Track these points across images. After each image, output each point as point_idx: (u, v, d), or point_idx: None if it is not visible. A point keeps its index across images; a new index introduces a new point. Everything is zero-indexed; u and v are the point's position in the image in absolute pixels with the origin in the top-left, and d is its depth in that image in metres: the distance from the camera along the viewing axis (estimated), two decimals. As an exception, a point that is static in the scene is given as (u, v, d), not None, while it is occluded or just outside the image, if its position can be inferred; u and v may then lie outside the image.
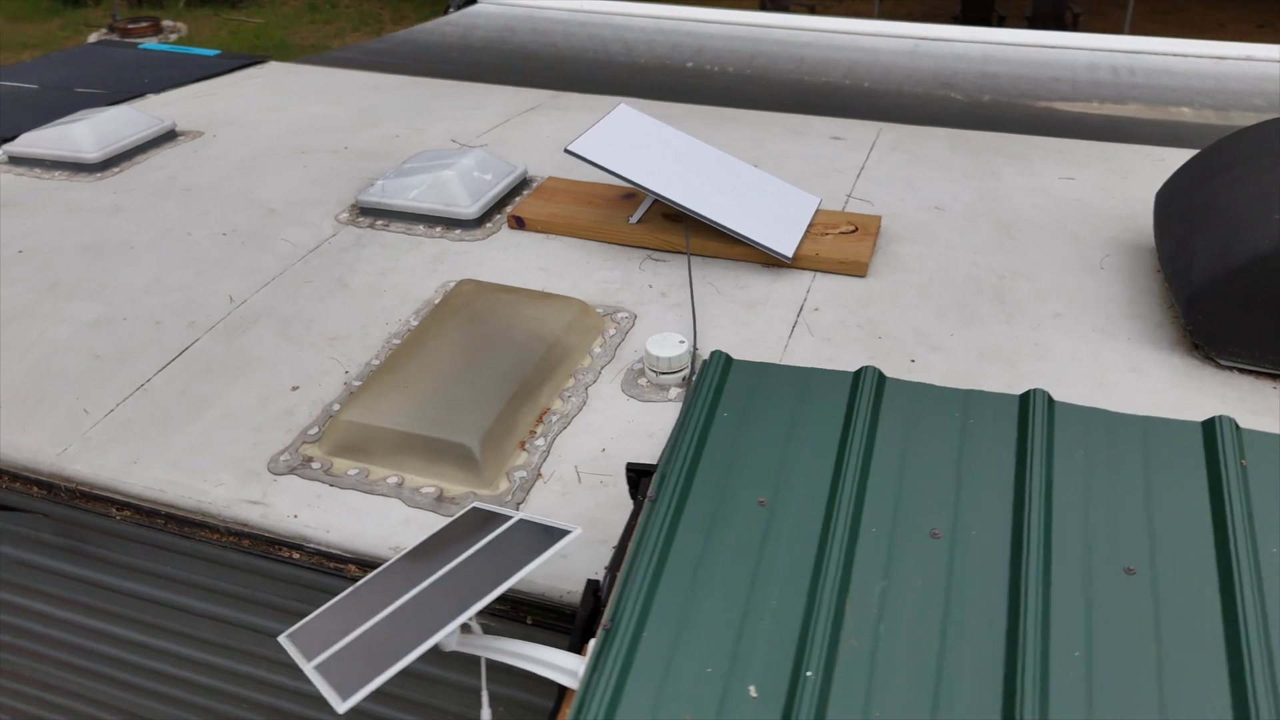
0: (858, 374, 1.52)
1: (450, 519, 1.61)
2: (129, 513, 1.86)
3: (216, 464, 1.87)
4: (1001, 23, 10.56)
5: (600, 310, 2.28)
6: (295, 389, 2.07)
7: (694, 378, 2.01)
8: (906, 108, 4.38)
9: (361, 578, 1.53)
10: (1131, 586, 1.22)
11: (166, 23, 18.77)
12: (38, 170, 3.09)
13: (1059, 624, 1.18)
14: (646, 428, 1.92)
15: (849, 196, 2.86)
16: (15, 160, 3.14)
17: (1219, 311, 1.98)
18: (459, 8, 6.32)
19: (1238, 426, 1.41)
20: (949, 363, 2.07)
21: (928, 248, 2.55)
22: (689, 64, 5.15)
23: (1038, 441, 1.39)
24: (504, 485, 1.79)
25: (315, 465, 1.86)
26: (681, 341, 2.02)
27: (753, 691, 1.14)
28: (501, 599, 1.47)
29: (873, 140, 3.34)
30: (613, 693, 1.15)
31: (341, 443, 1.88)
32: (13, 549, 2.13)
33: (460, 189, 2.67)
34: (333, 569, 1.73)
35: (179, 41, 18.13)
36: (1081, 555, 1.26)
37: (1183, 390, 1.96)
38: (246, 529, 1.77)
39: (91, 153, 3.05)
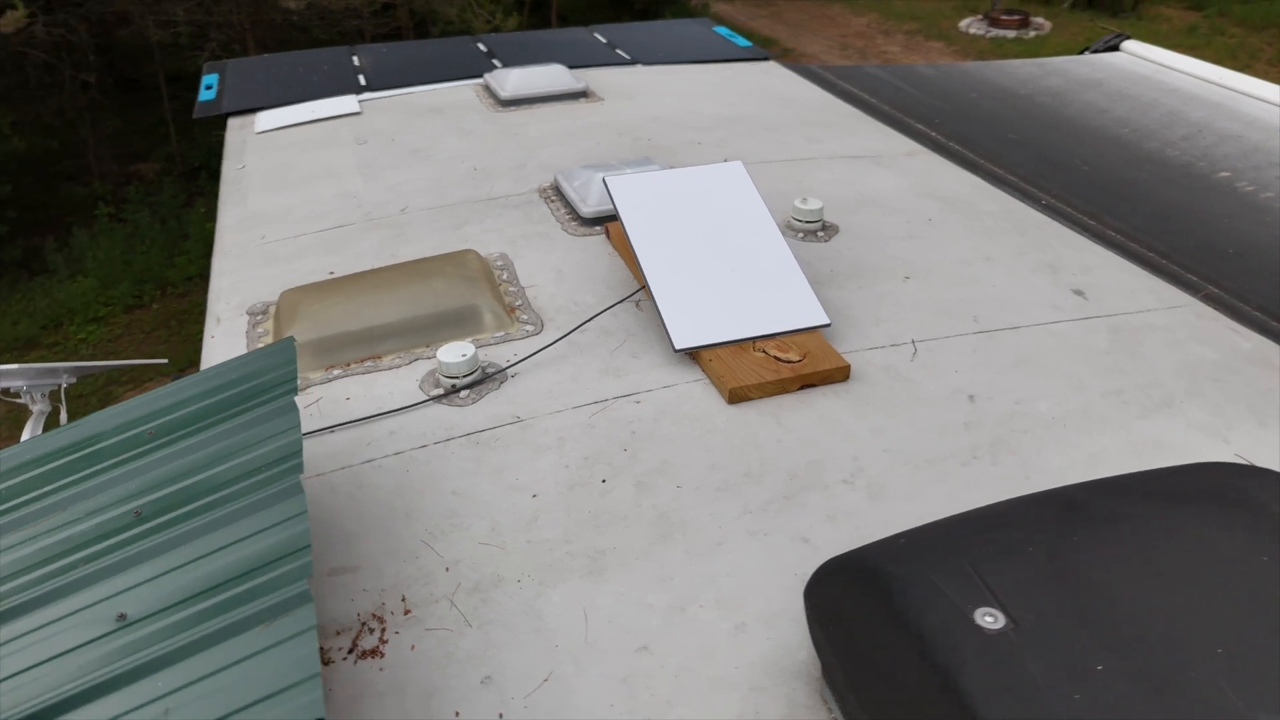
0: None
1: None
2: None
3: (242, 293, 2.78)
4: None
5: (524, 318, 2.52)
6: (331, 272, 2.84)
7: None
8: None
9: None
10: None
11: (1036, 19, 19.45)
12: (483, 95, 4.28)
13: None
14: (386, 410, 2.21)
15: (912, 341, 2.39)
16: (484, 87, 4.37)
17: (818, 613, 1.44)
18: (1097, 50, 5.79)
19: None
20: (630, 530, 1.87)
21: (853, 422, 2.10)
22: (1173, 152, 4.07)
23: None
24: (284, 382, 2.34)
25: (258, 318, 2.64)
26: (464, 355, 2.23)
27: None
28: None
29: (1117, 311, 2.55)
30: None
31: (277, 309, 2.62)
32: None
33: (597, 192, 3.01)
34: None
35: (1036, 39, 18.79)
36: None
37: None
38: (199, 346, 2.66)
39: (504, 92, 4.11)
